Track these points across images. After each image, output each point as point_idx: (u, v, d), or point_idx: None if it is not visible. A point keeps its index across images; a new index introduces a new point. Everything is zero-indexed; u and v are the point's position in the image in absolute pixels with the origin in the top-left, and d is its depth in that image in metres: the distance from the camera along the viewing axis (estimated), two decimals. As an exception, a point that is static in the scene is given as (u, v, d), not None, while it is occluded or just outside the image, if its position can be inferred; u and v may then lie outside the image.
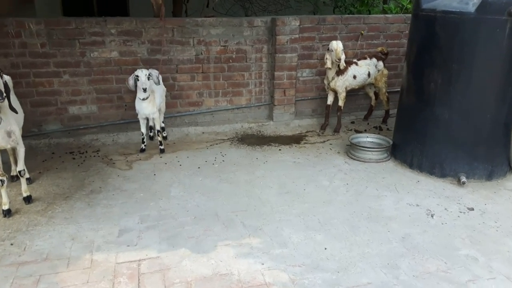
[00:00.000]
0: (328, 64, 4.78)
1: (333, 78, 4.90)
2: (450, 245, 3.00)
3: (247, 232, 3.11)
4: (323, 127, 5.25)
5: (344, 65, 4.81)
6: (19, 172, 3.40)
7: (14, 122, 3.16)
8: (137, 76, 4.08)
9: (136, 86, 4.16)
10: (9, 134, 3.11)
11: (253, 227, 3.18)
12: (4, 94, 2.76)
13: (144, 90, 4.12)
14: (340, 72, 4.89)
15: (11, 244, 2.93)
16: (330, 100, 5.15)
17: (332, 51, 4.68)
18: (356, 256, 2.86)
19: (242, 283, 2.58)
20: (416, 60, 4.01)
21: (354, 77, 5.00)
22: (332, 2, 8.05)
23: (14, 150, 3.35)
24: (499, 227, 3.22)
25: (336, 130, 5.18)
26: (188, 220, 3.26)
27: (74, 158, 4.42)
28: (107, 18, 4.65)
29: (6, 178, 3.26)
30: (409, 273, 2.70)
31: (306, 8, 8.24)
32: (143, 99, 4.25)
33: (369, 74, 5.13)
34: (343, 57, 4.72)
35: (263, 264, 2.76)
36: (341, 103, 5.06)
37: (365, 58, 5.17)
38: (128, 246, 2.93)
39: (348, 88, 5.05)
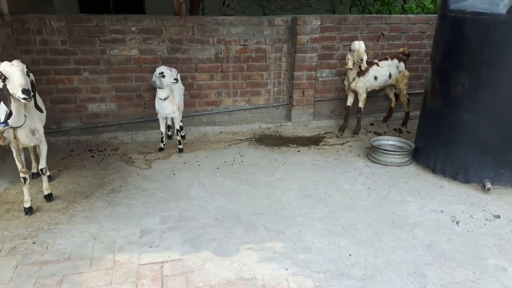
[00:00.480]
0: (350, 65, 4.71)
1: (354, 79, 4.83)
2: (478, 254, 2.92)
3: (269, 236, 3.07)
4: (342, 129, 5.19)
5: (366, 65, 4.74)
6: (41, 170, 3.39)
7: (38, 120, 3.15)
8: (162, 72, 4.04)
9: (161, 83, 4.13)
10: (33, 132, 3.10)
11: (275, 230, 3.14)
12: (32, 93, 2.74)
13: (175, 81, 4.10)
14: (361, 73, 4.83)
15: (34, 243, 2.92)
16: (350, 101, 5.09)
17: (354, 51, 4.61)
18: (381, 264, 2.80)
19: (266, 288, 2.54)
20: (443, 62, 3.92)
21: (375, 78, 4.94)
22: (349, 1, 7.96)
23: (36, 147, 3.34)
24: (528, 236, 3.14)
25: (356, 132, 5.11)
26: (209, 222, 3.23)
27: (93, 156, 4.41)
28: (128, 16, 4.63)
29: (29, 176, 3.25)
30: (437, 282, 2.63)
31: (323, 7, 8.15)
32: (164, 99, 4.23)
33: (390, 75, 5.06)
34: (365, 57, 4.65)
35: (287, 269, 2.71)
36: (361, 104, 5.00)
37: (386, 59, 5.10)
38: (150, 247, 2.91)
39: (369, 89, 4.99)
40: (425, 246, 3.00)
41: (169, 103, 4.26)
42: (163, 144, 4.59)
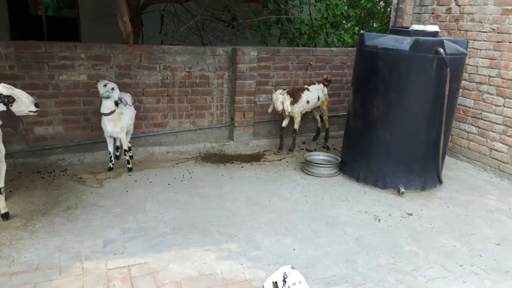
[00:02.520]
0: (270, 109, 5.45)
1: (287, 107, 5.39)
2: (396, 243, 3.56)
3: (224, 239, 3.46)
4: (280, 147, 5.75)
5: (289, 112, 5.39)
6: (0, 189, 3.49)
7: (1, 141, 3.29)
8: (113, 88, 4.34)
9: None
10: (-5, 152, 3.24)
11: (228, 234, 3.54)
12: None
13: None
14: (294, 101, 5.44)
15: (-2, 257, 3.04)
16: (285, 123, 5.68)
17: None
18: (320, 255, 3.32)
19: (226, 280, 2.92)
20: (361, 88, 4.67)
21: (308, 102, 5.59)
22: (279, 34, 8.78)
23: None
24: (433, 228, 3.85)
25: (291, 149, 5.71)
26: (167, 231, 3.54)
27: (43, 177, 4.50)
28: (77, 43, 4.86)
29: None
30: (365, 266, 3.20)
31: (255, 38, 8.88)
32: (106, 114, 4.45)
33: (318, 98, 5.76)
34: (281, 108, 5.28)
35: (242, 264, 3.12)
36: (296, 126, 5.62)
37: (314, 84, 5.80)
38: (115, 254, 3.16)
39: (303, 112, 5.64)
40: (354, 239, 3.58)
41: (111, 121, 4.48)
42: (112, 164, 4.80)
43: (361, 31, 8.60)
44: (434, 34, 4.42)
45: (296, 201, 4.26)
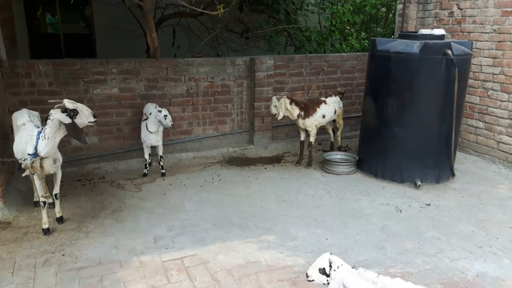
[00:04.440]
0: (274, 112, 5.16)
1: (298, 120, 5.29)
2: (418, 230, 3.88)
3: (261, 232, 3.79)
4: (298, 161, 5.55)
5: (281, 117, 5.20)
6: (55, 195, 3.83)
7: (58, 150, 3.64)
8: (166, 115, 4.71)
9: (148, 119, 4.81)
10: (55, 161, 3.60)
11: (264, 228, 3.87)
12: None
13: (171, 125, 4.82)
14: (307, 114, 5.27)
15: (63, 255, 3.37)
16: (302, 137, 5.51)
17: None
18: (351, 243, 3.64)
19: (271, 267, 3.25)
20: (375, 89, 5.02)
21: (323, 116, 5.39)
22: (286, 41, 9.14)
23: (53, 174, 3.78)
24: (451, 216, 4.18)
25: (309, 164, 5.46)
26: (209, 226, 3.88)
27: (84, 185, 4.84)
28: (109, 60, 5.23)
29: (48, 199, 3.68)
30: (393, 251, 3.53)
31: (263, 47, 9.24)
32: (153, 132, 4.86)
33: (335, 111, 5.55)
34: (276, 112, 5.14)
35: (282, 253, 3.45)
36: (312, 139, 5.43)
37: (331, 96, 5.60)
38: (167, 249, 3.49)
39: (318, 126, 5.45)
40: (380, 228, 3.91)
41: (155, 135, 4.90)
42: (147, 170, 5.15)
43: (366, 36, 9.00)
44: (441, 37, 4.78)
45: (320, 197, 4.59)
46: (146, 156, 5.12)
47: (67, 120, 3.32)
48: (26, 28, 9.09)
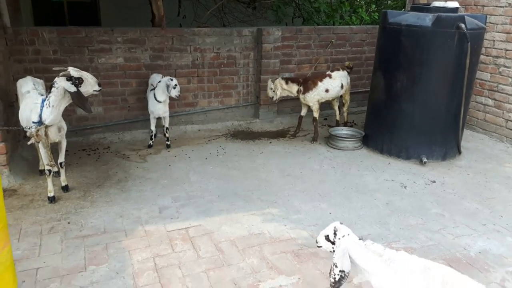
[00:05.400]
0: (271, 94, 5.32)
1: (299, 95, 5.25)
2: (423, 207, 3.87)
3: (265, 205, 3.80)
4: (294, 134, 5.57)
5: (278, 99, 5.30)
6: (60, 163, 3.84)
7: (62, 119, 3.62)
8: (176, 85, 4.66)
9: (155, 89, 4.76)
10: (59, 129, 3.58)
11: (269, 201, 3.88)
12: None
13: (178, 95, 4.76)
14: (306, 89, 5.18)
15: (68, 223, 3.40)
16: (303, 111, 5.47)
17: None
18: (354, 217, 3.65)
19: (274, 238, 3.27)
20: (385, 63, 4.92)
21: (327, 90, 5.25)
22: (293, 13, 8.94)
23: (58, 143, 3.78)
24: (456, 193, 4.16)
25: (314, 139, 5.39)
26: (214, 198, 3.89)
27: (89, 154, 4.85)
28: (114, 28, 5.14)
29: (53, 168, 3.69)
30: (397, 226, 3.53)
31: (270, 17, 9.05)
32: (161, 101, 4.81)
33: (342, 86, 5.35)
34: (271, 94, 5.30)
35: (285, 225, 3.47)
36: (315, 114, 5.33)
37: (338, 70, 5.43)
38: (172, 219, 3.51)
39: (321, 101, 5.34)
40: (384, 204, 3.91)
41: (163, 105, 4.85)
42: (152, 141, 5.13)
43: (376, 9, 8.78)
44: (455, 10, 4.63)
45: (325, 172, 4.57)
46: (152, 127, 5.10)
47: (72, 89, 3.29)
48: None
